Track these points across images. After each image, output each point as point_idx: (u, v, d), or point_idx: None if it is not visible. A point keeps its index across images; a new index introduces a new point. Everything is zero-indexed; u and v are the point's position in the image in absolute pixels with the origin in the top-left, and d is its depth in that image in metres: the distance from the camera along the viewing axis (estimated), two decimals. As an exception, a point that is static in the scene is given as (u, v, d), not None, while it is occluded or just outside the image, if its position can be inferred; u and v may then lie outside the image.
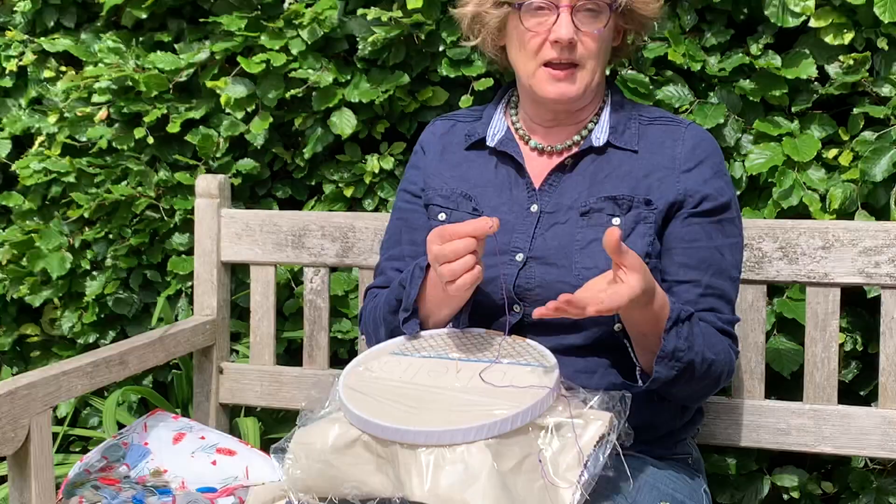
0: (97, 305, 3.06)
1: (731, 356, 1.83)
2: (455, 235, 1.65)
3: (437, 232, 1.68)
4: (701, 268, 1.83)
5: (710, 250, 1.84)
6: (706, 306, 1.83)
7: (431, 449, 1.45)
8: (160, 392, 2.96)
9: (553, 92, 1.84)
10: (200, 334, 2.50)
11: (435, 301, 1.80)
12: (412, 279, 1.81)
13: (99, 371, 2.15)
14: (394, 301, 1.85)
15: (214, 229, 2.53)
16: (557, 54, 1.81)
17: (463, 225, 1.66)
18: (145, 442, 2.23)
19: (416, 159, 2.08)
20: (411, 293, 1.80)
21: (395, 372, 1.66)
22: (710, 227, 1.85)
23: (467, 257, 1.65)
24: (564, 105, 1.88)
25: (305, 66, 2.77)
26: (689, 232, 1.84)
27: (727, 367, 1.82)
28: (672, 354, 1.67)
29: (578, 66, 1.83)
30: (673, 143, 1.89)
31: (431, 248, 1.68)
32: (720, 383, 1.83)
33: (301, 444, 1.59)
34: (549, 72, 1.83)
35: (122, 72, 2.90)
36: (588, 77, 1.84)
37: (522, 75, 1.88)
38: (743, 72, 2.52)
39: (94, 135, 2.98)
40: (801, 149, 2.43)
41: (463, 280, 1.65)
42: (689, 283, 1.83)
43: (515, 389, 1.56)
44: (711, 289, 1.83)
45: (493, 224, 1.64)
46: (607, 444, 1.54)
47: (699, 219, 1.85)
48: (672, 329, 1.67)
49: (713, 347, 1.76)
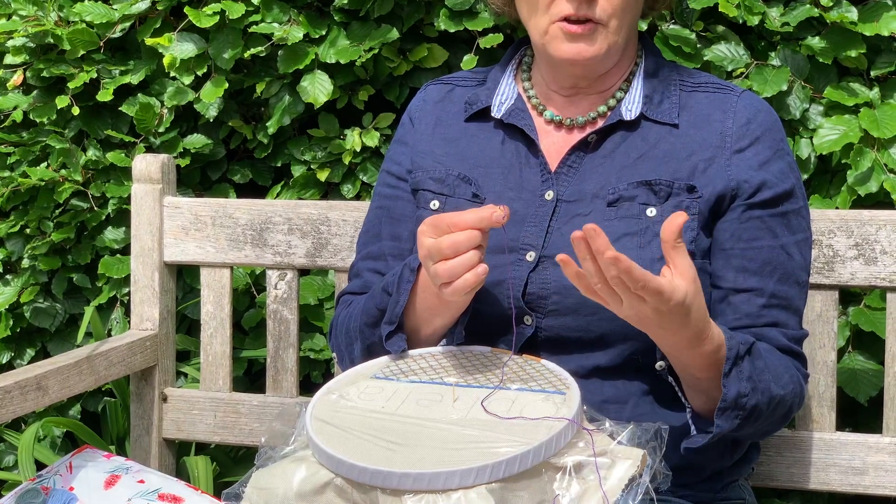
0: (11, 317, 3.07)
1: (800, 385, 1.84)
2: (454, 227, 1.65)
3: (432, 222, 1.69)
4: (764, 272, 1.84)
5: (775, 250, 1.85)
6: (769, 320, 1.84)
7: (421, 495, 1.46)
8: (89, 425, 2.98)
9: (568, 51, 1.84)
10: (139, 353, 2.52)
11: (426, 309, 1.81)
12: (400, 283, 1.82)
13: (12, 399, 2.16)
14: (374, 311, 1.86)
15: (156, 222, 2.55)
16: (574, 10, 1.81)
17: (464, 214, 1.66)
18: (70, 486, 2.24)
19: (403, 132, 2.09)
20: (399, 301, 1.81)
21: (376, 400, 1.67)
22: (774, 222, 1.86)
23: (470, 253, 1.65)
24: (582, 68, 1.88)
25: (269, 19, 2.78)
26: (748, 228, 1.85)
27: (797, 399, 1.83)
28: (735, 403, 1.68)
29: (599, 23, 1.83)
30: (723, 116, 1.90)
31: (423, 241, 1.68)
32: (788, 418, 1.84)
33: (259, 490, 1.59)
34: (563, 26, 1.83)
35: (40, 26, 2.91)
36: (612, 37, 1.85)
37: (534, 33, 1.89)
38: (811, 27, 2.54)
39: (7, 105, 2.99)
40: (883, 122, 2.44)
41: (464, 281, 1.65)
42: (751, 291, 1.84)
43: (525, 422, 1.57)
44: (776, 298, 1.84)
45: (502, 214, 1.64)
46: (639, 487, 1.55)
47: (759, 211, 1.85)
48: (732, 371, 1.68)
49: (780, 380, 1.77)
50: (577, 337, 1.81)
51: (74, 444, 3.00)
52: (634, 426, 1.59)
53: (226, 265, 2.53)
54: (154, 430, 2.57)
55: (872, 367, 2.46)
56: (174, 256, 2.56)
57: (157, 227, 2.55)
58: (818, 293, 2.19)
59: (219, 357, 2.54)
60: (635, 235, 1.82)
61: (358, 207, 2.44)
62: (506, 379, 1.71)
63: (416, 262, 1.81)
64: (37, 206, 3.00)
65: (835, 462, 2.19)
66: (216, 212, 2.53)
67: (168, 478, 2.30)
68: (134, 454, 2.58)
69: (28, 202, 3.03)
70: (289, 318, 2.49)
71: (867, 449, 2.18)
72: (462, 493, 1.46)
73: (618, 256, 1.48)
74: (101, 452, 2.36)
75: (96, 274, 3.01)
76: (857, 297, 2.50)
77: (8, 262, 3.10)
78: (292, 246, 2.47)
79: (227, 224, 2.52)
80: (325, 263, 2.46)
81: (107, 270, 2.93)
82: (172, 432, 2.58)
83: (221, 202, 2.54)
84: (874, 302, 2.47)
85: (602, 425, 1.60)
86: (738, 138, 1.87)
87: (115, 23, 2.90)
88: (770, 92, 2.47)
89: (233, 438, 2.54)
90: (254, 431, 2.51)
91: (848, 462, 2.19)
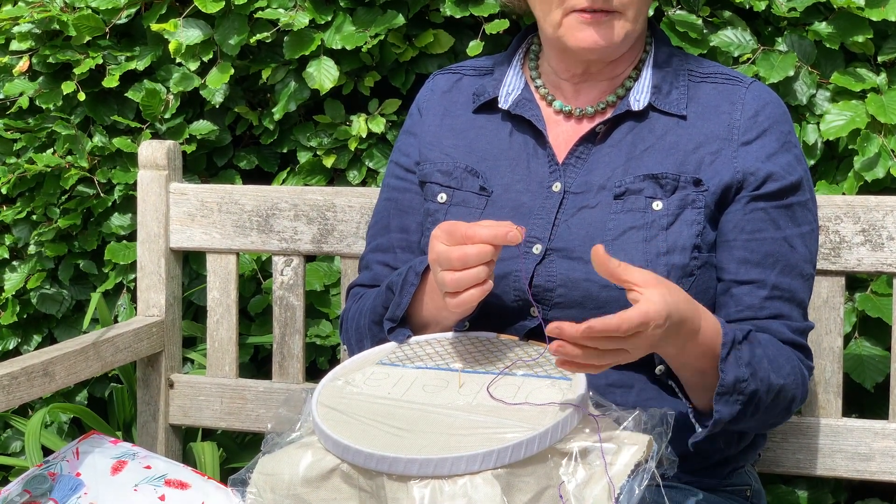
0: (18, 303, 3.08)
1: (802, 376, 1.83)
2: (468, 239, 1.64)
3: (448, 228, 1.68)
4: (766, 264, 1.84)
5: (778, 242, 1.85)
6: (772, 312, 1.83)
7: (426, 481, 1.46)
8: (96, 411, 2.98)
9: (586, 39, 1.83)
10: (145, 339, 2.53)
11: (433, 309, 1.81)
12: (404, 286, 1.82)
13: (19, 385, 2.17)
14: (380, 309, 1.87)
15: (162, 209, 2.55)
16: (589, 2, 1.81)
17: (480, 227, 1.65)
18: (77, 472, 2.25)
19: (411, 123, 2.09)
20: (401, 303, 1.82)
21: (382, 386, 1.68)
22: (778, 214, 1.85)
23: (478, 269, 1.64)
24: (599, 54, 1.87)
25: (275, 5, 2.78)
26: (752, 220, 1.85)
27: (798, 391, 1.82)
28: (734, 387, 1.68)
29: (617, 11, 1.82)
30: (730, 108, 1.89)
31: (435, 245, 1.68)
32: (790, 412, 1.84)
33: (266, 475, 1.60)
34: (578, 16, 1.82)
35: (46, 12, 2.91)
36: (629, 25, 1.84)
37: (547, 27, 1.88)
38: (818, 12, 2.53)
39: (13, 91, 2.99)
40: (890, 108, 2.44)
41: (468, 295, 1.65)
42: (752, 283, 1.84)
43: (531, 407, 1.58)
44: (779, 290, 1.84)
45: (518, 234, 1.62)
46: (645, 473, 1.55)
47: (763, 203, 1.85)
48: (730, 355, 1.68)
49: (780, 370, 1.77)
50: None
51: (81, 430, 3.00)
52: (640, 412, 1.59)
53: (232, 251, 2.53)
54: (160, 416, 2.58)
55: (879, 353, 2.46)
56: (180, 243, 2.56)
57: (164, 214, 2.55)
58: (824, 279, 2.18)
59: (225, 343, 2.55)
60: (641, 229, 1.81)
61: (364, 193, 2.44)
62: (512, 365, 1.71)
63: (421, 265, 1.81)
64: (43, 193, 3.00)
65: (841, 448, 2.20)
66: (222, 198, 2.53)
67: (174, 463, 2.31)
68: (140, 440, 2.59)
69: (34, 188, 3.03)
70: (295, 305, 2.49)
71: (873, 435, 2.18)
72: (468, 479, 1.46)
73: (588, 326, 1.47)
74: (108, 438, 2.36)
75: (102, 260, 3.01)
76: (864, 283, 2.50)
77: (14, 249, 3.11)
78: (298, 232, 2.47)
79: (233, 210, 2.52)
80: (331, 250, 2.46)
81: (113, 257, 2.93)
82: (179, 418, 2.58)
83: (227, 188, 2.54)
84: (881, 288, 2.46)
85: (608, 411, 1.61)
86: (746, 130, 1.87)
87: (121, 9, 2.91)
88: (777, 77, 2.47)
89: (239, 424, 2.55)
90: (260, 417, 2.52)
91: (854, 448, 2.19)
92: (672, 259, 1.80)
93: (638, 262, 1.75)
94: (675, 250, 1.80)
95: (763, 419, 1.79)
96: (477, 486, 1.46)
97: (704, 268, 1.82)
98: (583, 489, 1.51)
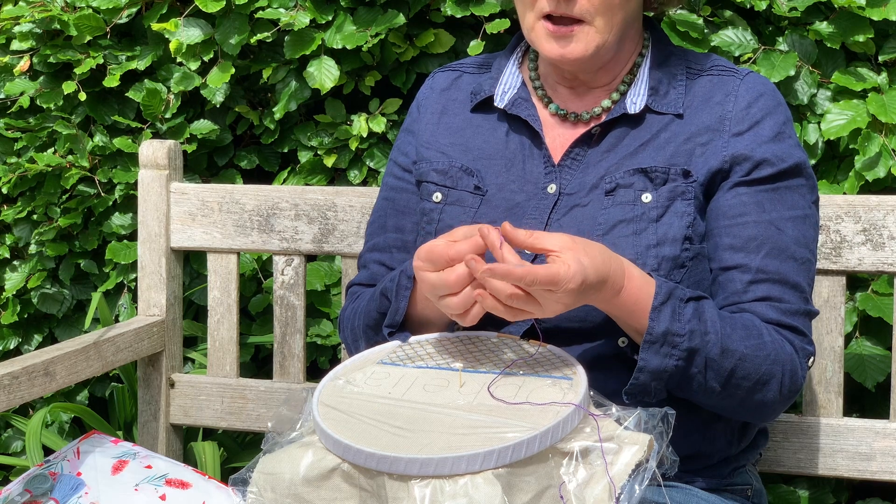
0: (18, 303, 3.08)
1: (788, 356, 1.78)
2: (454, 261, 1.63)
3: (426, 257, 1.66)
4: (749, 248, 1.81)
5: (763, 225, 1.81)
6: (758, 295, 1.80)
7: (427, 480, 1.46)
8: (97, 410, 2.98)
9: (552, 51, 1.82)
10: (146, 339, 2.53)
11: (429, 310, 1.81)
12: (399, 290, 1.82)
13: (20, 384, 2.17)
14: (374, 314, 1.87)
15: (163, 208, 2.56)
16: (552, 8, 1.79)
17: (459, 246, 1.63)
18: (78, 472, 2.25)
19: (410, 121, 2.09)
20: (399, 309, 1.81)
21: (383, 386, 1.68)
22: (764, 197, 1.83)
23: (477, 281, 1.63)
24: (571, 66, 1.86)
25: (276, 4, 2.78)
26: (734, 205, 1.83)
27: (783, 368, 1.77)
28: (663, 338, 1.67)
29: (583, 22, 1.80)
30: (723, 98, 1.88)
31: (425, 276, 1.66)
32: (782, 392, 1.78)
33: (266, 475, 1.60)
34: (546, 25, 1.81)
35: (47, 11, 2.91)
36: (598, 37, 1.81)
37: (524, 28, 1.87)
38: (819, 12, 2.53)
39: (14, 90, 3.00)
40: (891, 107, 2.44)
41: (477, 311, 1.65)
42: (736, 268, 1.81)
43: (532, 407, 1.58)
44: (764, 273, 1.80)
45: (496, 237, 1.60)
46: (646, 472, 1.55)
47: (746, 188, 1.83)
48: (665, 307, 1.67)
49: (746, 340, 1.73)
50: (577, 327, 1.80)
51: (82, 430, 3.00)
52: (641, 411, 1.59)
53: (232, 251, 2.53)
54: (161, 415, 2.58)
55: (880, 353, 2.46)
56: (181, 242, 2.56)
57: (164, 213, 2.55)
58: (825, 279, 2.18)
59: (226, 343, 2.55)
60: (630, 222, 1.81)
61: (365, 193, 2.44)
62: (512, 364, 1.71)
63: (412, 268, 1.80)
64: (44, 192, 3.00)
65: (842, 447, 2.20)
66: (223, 198, 2.53)
67: (175, 463, 2.31)
68: (141, 440, 2.59)
69: (35, 188, 3.03)
70: (295, 304, 2.49)
71: (874, 434, 2.18)
72: (469, 479, 1.46)
73: (490, 268, 1.50)
74: (109, 438, 2.37)
75: (103, 260, 3.02)
76: (865, 282, 2.50)
77: (15, 248, 3.11)
78: (299, 232, 2.48)
79: (234, 210, 2.52)
80: (331, 249, 2.46)
81: (114, 256, 2.93)
82: (179, 418, 2.59)
83: (228, 188, 2.54)
84: (881, 287, 2.47)
85: (609, 410, 1.60)
86: (738, 122, 1.85)
87: (122, 8, 2.91)
88: (778, 77, 2.47)
89: (240, 424, 2.55)
90: (261, 417, 2.52)
91: (855, 448, 2.19)
92: (662, 251, 1.79)
93: (628, 254, 1.75)
94: (665, 242, 1.80)
95: (733, 393, 1.75)
96: (478, 486, 1.46)
97: (696, 259, 1.81)
98: (583, 489, 1.51)
